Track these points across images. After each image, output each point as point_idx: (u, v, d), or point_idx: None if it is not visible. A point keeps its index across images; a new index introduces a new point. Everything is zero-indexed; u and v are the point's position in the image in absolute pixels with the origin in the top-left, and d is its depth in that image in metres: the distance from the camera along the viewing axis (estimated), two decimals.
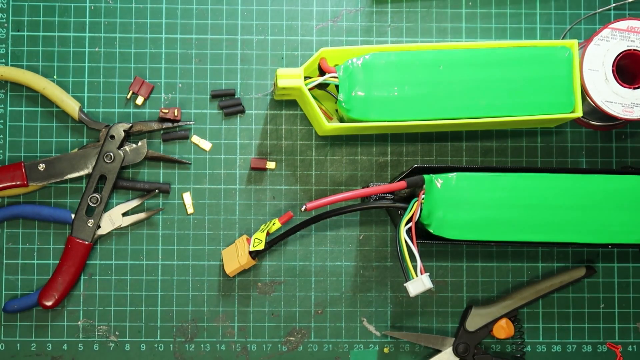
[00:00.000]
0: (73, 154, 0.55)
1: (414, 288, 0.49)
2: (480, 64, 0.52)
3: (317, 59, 0.53)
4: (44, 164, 0.55)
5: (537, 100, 0.53)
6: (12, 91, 0.57)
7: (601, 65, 0.53)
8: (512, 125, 0.57)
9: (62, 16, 0.57)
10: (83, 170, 0.55)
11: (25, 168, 0.55)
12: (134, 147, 0.56)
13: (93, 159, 0.55)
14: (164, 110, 0.56)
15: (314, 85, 0.53)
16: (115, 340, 0.57)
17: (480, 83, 0.52)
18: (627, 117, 0.53)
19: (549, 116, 0.53)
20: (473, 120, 0.52)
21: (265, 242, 0.53)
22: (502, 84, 0.52)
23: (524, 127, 0.58)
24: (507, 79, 0.52)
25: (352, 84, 0.52)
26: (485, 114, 0.52)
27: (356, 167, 0.58)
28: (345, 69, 0.52)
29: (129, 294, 0.57)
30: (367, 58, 0.52)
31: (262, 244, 0.53)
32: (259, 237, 0.53)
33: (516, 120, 0.53)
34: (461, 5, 0.59)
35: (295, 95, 0.55)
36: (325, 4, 0.58)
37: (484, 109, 0.52)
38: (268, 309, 0.57)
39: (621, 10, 0.59)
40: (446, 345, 0.57)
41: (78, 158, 0.55)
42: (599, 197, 0.52)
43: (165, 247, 0.57)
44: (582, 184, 0.52)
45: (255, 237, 0.54)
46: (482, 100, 0.52)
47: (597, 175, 0.52)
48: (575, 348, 0.58)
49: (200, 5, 0.58)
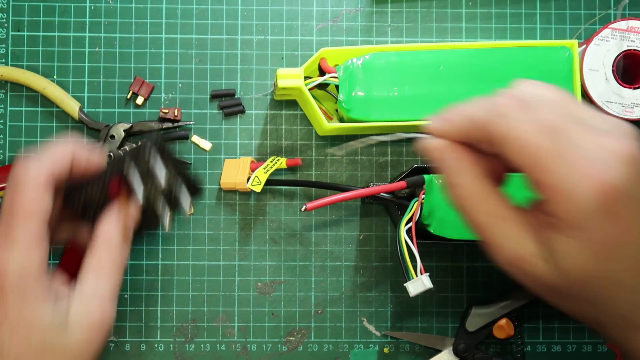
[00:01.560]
0: None
1: (414, 288, 0.49)
2: (480, 64, 0.52)
3: (317, 59, 0.53)
4: None
5: None
6: (12, 91, 0.57)
7: (601, 65, 0.53)
8: None
9: (62, 16, 0.57)
10: None
11: None
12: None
13: None
14: (164, 110, 0.56)
15: (314, 85, 0.53)
16: (115, 340, 0.57)
17: (480, 83, 0.52)
18: (627, 117, 0.53)
19: None
20: None
21: (263, 184, 0.52)
22: (502, 84, 0.52)
23: None
24: (507, 79, 0.52)
25: (352, 84, 0.52)
26: None
27: (356, 167, 0.58)
28: (345, 69, 0.52)
29: (129, 294, 0.57)
30: (367, 58, 0.52)
31: (260, 185, 0.52)
32: (259, 177, 0.52)
33: None
34: (461, 5, 0.59)
35: (295, 95, 0.55)
36: (325, 4, 0.58)
37: None
38: (268, 309, 0.57)
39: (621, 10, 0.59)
40: (446, 345, 0.57)
41: None
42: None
43: (165, 247, 0.57)
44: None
45: (256, 174, 0.53)
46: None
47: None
48: (575, 348, 0.58)
49: (200, 5, 0.58)
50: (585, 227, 0.33)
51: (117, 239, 0.44)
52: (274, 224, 0.58)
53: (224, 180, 0.55)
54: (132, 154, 0.44)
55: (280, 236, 0.58)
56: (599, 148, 0.33)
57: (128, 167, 0.44)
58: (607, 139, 0.33)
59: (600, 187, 0.32)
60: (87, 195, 0.44)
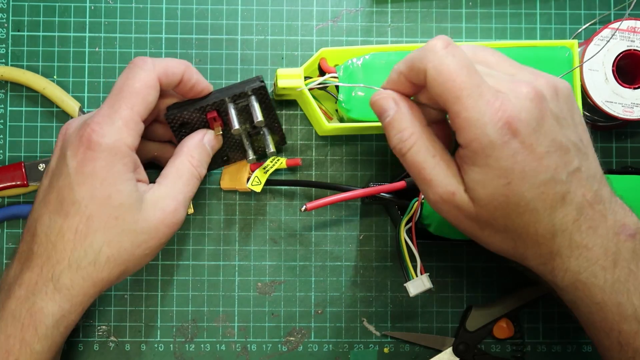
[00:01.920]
0: None
1: (414, 288, 0.49)
2: None
3: (317, 59, 0.53)
4: (44, 164, 0.55)
5: None
6: (12, 91, 0.57)
7: (601, 65, 0.53)
8: None
9: (62, 16, 0.57)
10: None
11: (26, 168, 0.55)
12: None
13: None
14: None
15: (314, 85, 0.53)
16: (115, 340, 0.57)
17: None
18: (627, 117, 0.53)
19: None
20: None
21: (263, 184, 0.53)
22: None
23: None
24: None
25: (352, 83, 0.52)
26: None
27: (356, 167, 0.58)
28: (345, 69, 0.52)
29: (129, 294, 0.57)
30: (367, 58, 0.52)
31: (260, 185, 0.53)
32: (259, 177, 0.53)
33: None
34: (461, 5, 0.59)
35: (295, 95, 0.55)
36: (325, 4, 0.58)
37: None
38: (268, 309, 0.57)
39: (621, 11, 0.59)
40: (446, 345, 0.57)
41: None
42: None
43: (165, 247, 0.57)
44: None
45: (256, 174, 0.53)
46: None
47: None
48: (575, 348, 0.58)
49: (200, 5, 0.58)
50: (492, 154, 0.38)
51: (198, 155, 0.48)
52: (274, 224, 0.58)
53: (224, 181, 0.56)
54: (235, 93, 0.49)
55: (280, 236, 0.58)
56: (510, 90, 0.38)
57: (227, 104, 0.49)
58: (519, 84, 0.38)
59: (506, 118, 0.37)
60: (185, 118, 0.49)
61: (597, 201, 0.40)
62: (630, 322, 0.40)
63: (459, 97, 0.38)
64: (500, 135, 0.37)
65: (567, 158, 0.39)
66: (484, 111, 0.37)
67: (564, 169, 0.39)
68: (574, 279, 0.41)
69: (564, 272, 0.41)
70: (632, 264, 0.40)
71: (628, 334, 0.41)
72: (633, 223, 0.41)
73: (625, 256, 0.40)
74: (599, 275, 0.40)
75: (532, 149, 0.38)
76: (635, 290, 0.40)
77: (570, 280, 0.41)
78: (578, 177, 0.39)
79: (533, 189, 0.38)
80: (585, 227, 0.40)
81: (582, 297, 0.41)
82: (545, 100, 0.39)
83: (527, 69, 0.41)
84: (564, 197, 0.39)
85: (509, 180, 0.38)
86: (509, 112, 0.37)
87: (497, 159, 0.38)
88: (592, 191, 0.40)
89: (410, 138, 0.41)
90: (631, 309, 0.40)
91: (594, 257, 0.40)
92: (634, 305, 0.40)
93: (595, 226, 0.40)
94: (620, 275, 0.40)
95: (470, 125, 0.38)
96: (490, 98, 0.37)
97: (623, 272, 0.40)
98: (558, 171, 0.39)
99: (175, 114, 0.49)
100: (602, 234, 0.40)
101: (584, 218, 0.40)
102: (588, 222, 0.40)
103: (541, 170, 0.38)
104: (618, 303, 0.40)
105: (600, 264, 0.40)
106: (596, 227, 0.40)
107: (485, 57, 0.42)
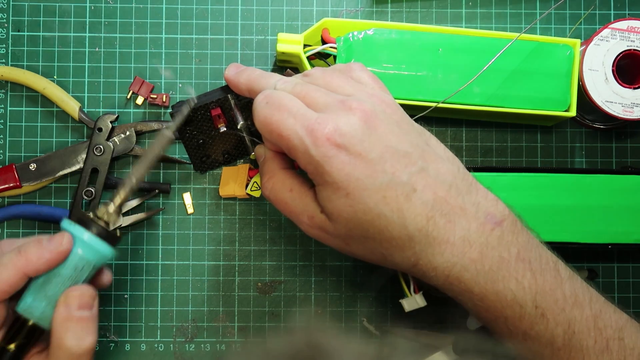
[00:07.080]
0: (63, 151, 0.55)
1: (409, 305, 0.50)
2: (480, 52, 0.52)
3: (319, 27, 0.53)
4: (35, 164, 0.55)
5: (532, 95, 0.53)
6: (12, 91, 0.57)
7: (601, 65, 0.53)
8: (504, 118, 0.57)
9: (62, 16, 0.58)
10: (74, 165, 0.55)
11: (17, 169, 0.55)
12: (123, 137, 0.55)
13: (83, 154, 0.55)
14: (152, 95, 0.56)
15: (312, 53, 0.53)
16: (116, 340, 0.57)
17: (476, 71, 0.52)
18: (627, 117, 0.53)
19: (541, 112, 0.53)
20: (464, 107, 0.52)
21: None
22: (499, 74, 0.53)
23: (518, 121, 0.58)
24: (505, 70, 0.53)
25: (350, 57, 0.52)
26: (478, 102, 0.52)
27: None
28: (345, 40, 0.52)
29: (129, 294, 0.57)
30: (369, 33, 0.52)
31: (259, 191, 0.54)
32: (258, 182, 0.53)
33: (509, 113, 0.53)
34: (461, 6, 0.59)
35: (295, 62, 0.55)
36: (325, 4, 0.58)
37: (477, 97, 0.52)
38: (268, 309, 0.57)
39: (621, 10, 0.59)
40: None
41: (68, 154, 0.55)
42: (599, 197, 0.52)
43: (165, 247, 0.57)
44: (582, 184, 0.52)
45: (255, 180, 0.54)
46: (477, 88, 0.52)
47: (597, 175, 0.52)
48: None
49: (200, 5, 0.58)
50: (323, 171, 0.40)
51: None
52: (274, 224, 0.58)
53: (223, 189, 0.56)
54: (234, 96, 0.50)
55: (280, 236, 0.58)
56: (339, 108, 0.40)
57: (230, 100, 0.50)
58: (350, 102, 0.40)
59: (326, 135, 0.39)
60: (190, 115, 0.50)
61: (452, 196, 0.40)
62: (512, 307, 0.41)
63: (281, 136, 0.41)
64: (324, 152, 0.39)
65: (408, 160, 0.40)
66: (302, 136, 0.40)
67: (403, 171, 0.40)
68: (446, 275, 0.41)
69: (434, 271, 0.41)
70: (502, 251, 0.40)
71: (513, 319, 0.41)
72: (499, 212, 0.41)
73: (494, 244, 0.40)
74: (470, 267, 0.40)
75: (362, 157, 0.39)
76: (510, 276, 0.40)
77: (443, 277, 0.41)
78: (424, 176, 0.40)
79: (374, 195, 0.39)
80: (442, 223, 0.40)
81: (461, 292, 0.41)
82: (374, 113, 0.40)
83: (366, 90, 0.43)
84: (408, 196, 0.39)
85: (347, 191, 0.39)
86: (328, 129, 0.39)
87: (329, 174, 0.39)
88: (444, 188, 0.40)
89: (268, 181, 0.45)
90: (510, 295, 0.40)
91: (459, 251, 0.40)
92: (512, 291, 0.40)
93: (454, 220, 0.40)
94: (492, 264, 0.40)
95: (297, 152, 0.40)
96: (307, 122, 0.40)
97: (494, 260, 0.40)
98: (397, 174, 0.39)
99: (187, 134, 0.51)
100: (464, 227, 0.40)
101: (440, 214, 0.40)
102: (445, 217, 0.40)
103: (377, 175, 0.39)
104: (496, 291, 0.40)
105: (468, 256, 0.40)
106: (455, 221, 0.40)
107: (330, 82, 0.43)
